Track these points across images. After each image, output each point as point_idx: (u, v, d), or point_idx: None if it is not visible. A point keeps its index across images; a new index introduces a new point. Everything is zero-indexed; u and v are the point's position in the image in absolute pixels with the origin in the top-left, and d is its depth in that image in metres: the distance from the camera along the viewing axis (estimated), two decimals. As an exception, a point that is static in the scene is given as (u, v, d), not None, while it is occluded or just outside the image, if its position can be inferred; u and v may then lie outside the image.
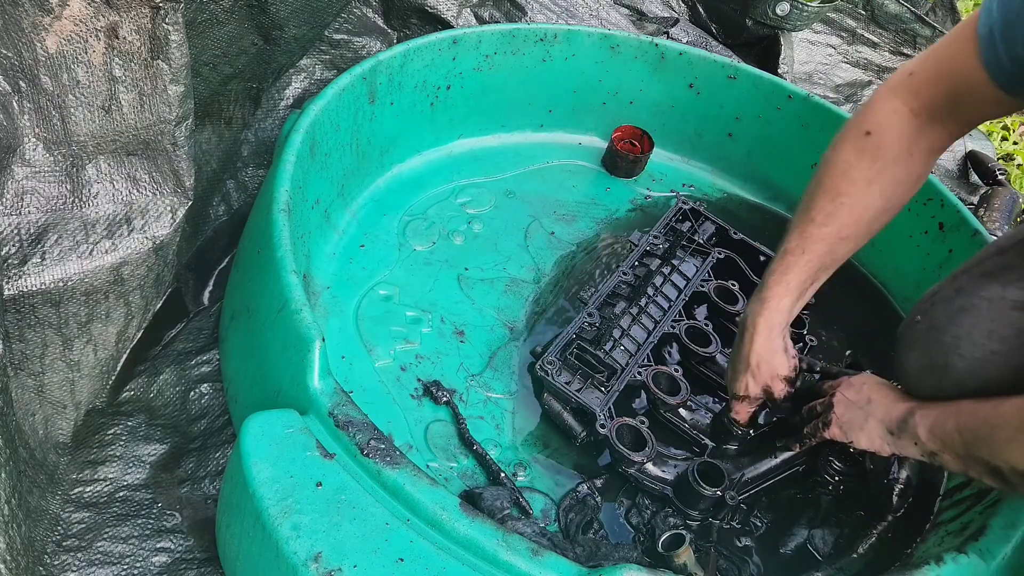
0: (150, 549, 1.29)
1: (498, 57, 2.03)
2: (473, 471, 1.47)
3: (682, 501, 1.46)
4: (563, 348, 1.58)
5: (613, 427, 1.48)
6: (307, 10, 1.70)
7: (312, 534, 1.07)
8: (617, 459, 1.49)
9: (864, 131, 1.34)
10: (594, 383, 1.54)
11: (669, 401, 1.57)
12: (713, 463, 1.47)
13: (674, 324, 1.70)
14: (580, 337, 1.60)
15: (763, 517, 1.51)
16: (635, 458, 1.45)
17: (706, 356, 1.67)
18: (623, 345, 1.62)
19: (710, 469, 1.46)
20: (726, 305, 1.77)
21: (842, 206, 1.35)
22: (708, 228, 1.94)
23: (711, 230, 1.94)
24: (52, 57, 1.22)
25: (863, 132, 1.34)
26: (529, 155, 2.16)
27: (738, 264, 1.88)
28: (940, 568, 1.21)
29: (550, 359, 1.56)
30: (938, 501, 1.51)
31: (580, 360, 1.56)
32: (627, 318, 1.67)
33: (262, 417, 1.19)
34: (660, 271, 1.79)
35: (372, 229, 1.86)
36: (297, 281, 1.34)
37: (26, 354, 1.29)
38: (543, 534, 1.33)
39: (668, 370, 1.61)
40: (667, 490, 1.48)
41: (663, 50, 2.13)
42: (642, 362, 1.61)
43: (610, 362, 1.57)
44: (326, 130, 1.68)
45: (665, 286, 1.77)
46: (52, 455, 1.34)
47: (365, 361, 1.60)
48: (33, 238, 1.26)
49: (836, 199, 1.35)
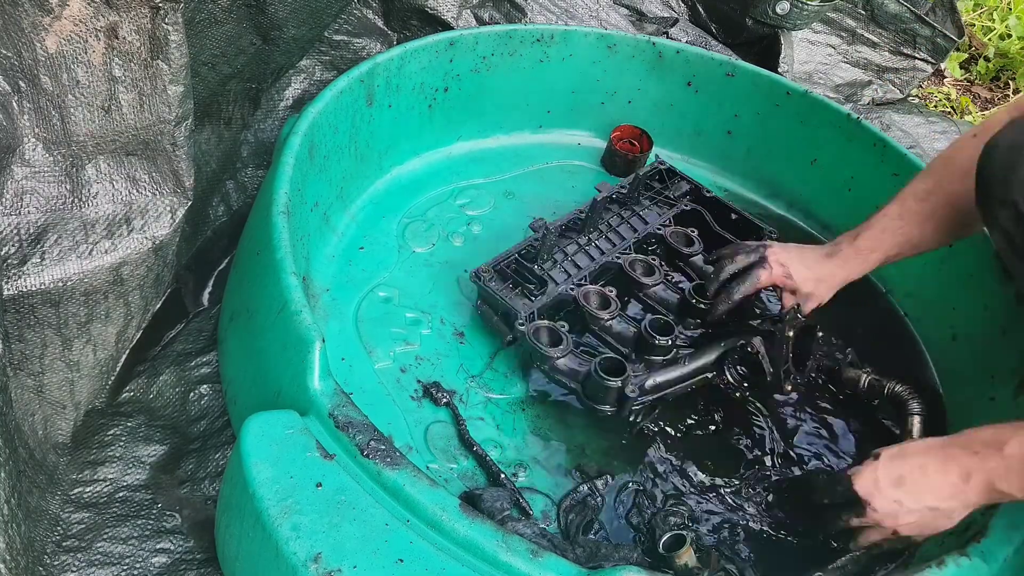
0: (150, 550, 1.29)
1: (495, 58, 2.03)
2: (473, 472, 1.47)
3: (589, 395, 1.54)
4: (501, 261, 1.67)
5: (532, 326, 1.57)
6: (306, 10, 1.70)
7: (312, 535, 1.07)
8: (533, 355, 1.57)
9: (973, 134, 1.48)
10: (524, 292, 1.63)
11: (598, 315, 1.64)
12: (616, 358, 1.54)
13: (619, 256, 1.77)
14: (521, 256, 1.69)
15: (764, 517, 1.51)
16: (550, 353, 1.54)
17: (649, 285, 1.74)
18: (564, 268, 1.70)
19: (614, 363, 1.53)
20: (681, 247, 1.83)
21: (939, 188, 1.50)
22: (682, 186, 1.99)
23: (684, 188, 1.99)
24: (52, 57, 1.22)
25: (972, 135, 1.48)
26: (528, 156, 2.16)
27: (704, 217, 1.93)
28: (941, 570, 1.21)
29: (485, 267, 1.65)
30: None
31: (516, 273, 1.66)
32: (573, 246, 1.75)
33: (262, 418, 1.19)
34: (619, 213, 1.86)
35: (371, 231, 1.86)
36: (297, 283, 1.34)
37: (25, 354, 1.29)
38: (543, 535, 1.32)
39: (599, 288, 1.68)
40: (575, 385, 1.55)
41: (660, 49, 2.13)
42: (579, 283, 1.68)
43: (544, 277, 1.65)
44: (324, 133, 1.68)
45: (621, 226, 1.84)
46: (52, 455, 1.34)
47: (365, 363, 1.59)
48: (33, 238, 1.25)
49: (937, 182, 1.51)
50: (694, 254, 1.83)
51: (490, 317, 1.66)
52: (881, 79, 2.85)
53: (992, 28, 3.39)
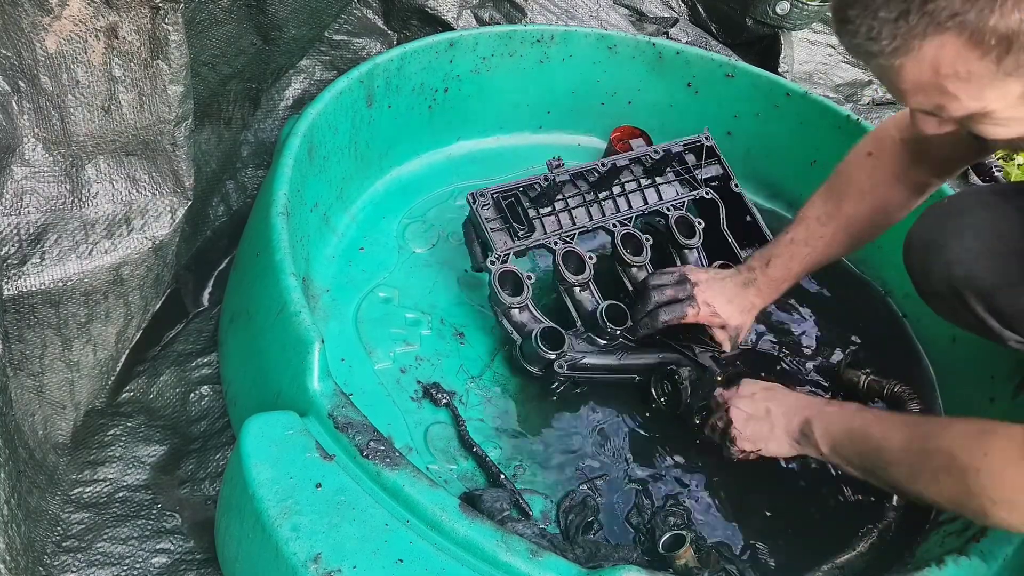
0: (150, 550, 1.29)
1: (495, 59, 2.03)
2: (473, 473, 1.47)
3: (523, 353, 1.58)
4: (501, 192, 1.65)
5: (499, 269, 1.58)
6: (306, 11, 1.70)
7: (312, 535, 1.07)
8: (491, 297, 1.59)
9: (867, 151, 1.54)
10: (510, 231, 1.63)
11: (568, 277, 1.64)
12: (559, 331, 1.56)
13: (615, 225, 1.74)
14: (524, 192, 1.67)
15: (764, 517, 1.51)
16: (505, 300, 1.56)
17: (630, 264, 1.72)
18: (559, 218, 1.69)
19: (555, 335, 1.55)
20: (680, 235, 1.80)
21: (840, 212, 1.55)
22: (714, 170, 1.94)
23: (715, 172, 1.94)
24: (52, 57, 1.22)
25: (866, 152, 1.54)
26: (528, 156, 2.16)
27: (718, 210, 1.88)
28: (941, 570, 1.21)
29: (483, 193, 1.64)
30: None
31: (509, 209, 1.64)
32: (578, 199, 1.73)
33: (262, 419, 1.19)
34: (639, 179, 1.83)
35: (371, 232, 1.86)
36: (296, 283, 1.34)
37: (25, 354, 1.29)
38: (543, 535, 1.32)
39: (581, 252, 1.67)
40: (516, 338, 1.59)
41: (660, 49, 2.13)
42: (567, 239, 1.67)
43: (535, 221, 1.65)
44: (324, 133, 1.68)
45: (634, 194, 1.82)
46: (52, 455, 1.34)
47: (365, 363, 1.59)
48: (32, 238, 1.25)
49: (838, 205, 1.56)
50: (691, 247, 1.81)
51: (471, 240, 1.67)
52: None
53: (992, 28, 3.38)
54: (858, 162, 1.55)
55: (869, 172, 1.53)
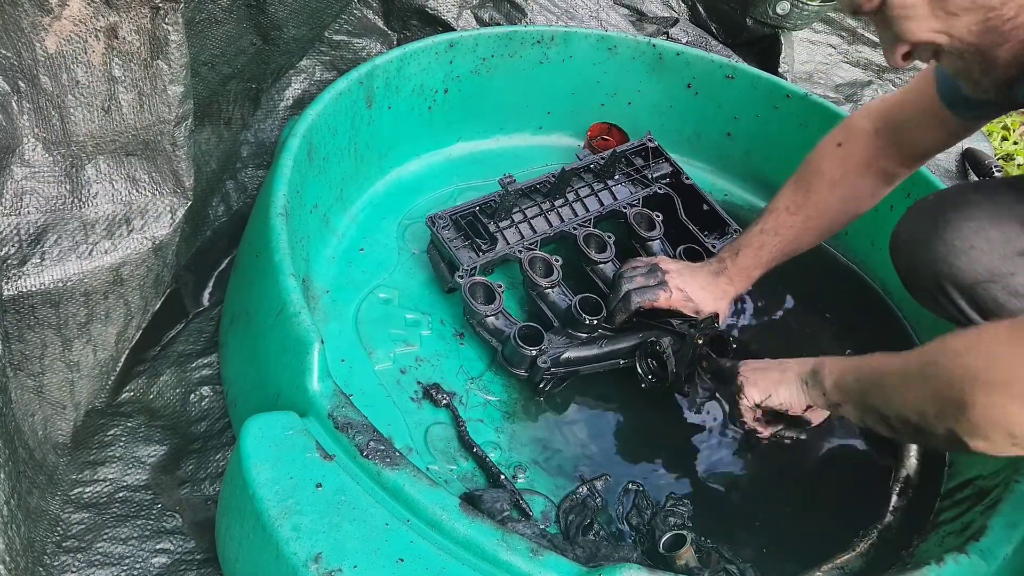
0: (150, 550, 1.29)
1: (495, 60, 2.03)
2: (473, 473, 1.47)
3: (505, 355, 1.60)
4: (459, 211, 1.68)
5: (469, 282, 1.61)
6: (306, 11, 1.70)
7: (312, 535, 1.07)
8: (465, 309, 1.62)
9: (837, 142, 1.58)
10: (473, 246, 1.66)
11: (537, 281, 1.67)
12: (536, 327, 1.59)
13: (575, 228, 1.78)
14: (481, 210, 1.71)
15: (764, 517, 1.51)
16: (479, 309, 1.58)
17: (597, 262, 1.75)
18: (520, 229, 1.72)
19: (532, 331, 1.57)
20: (641, 229, 1.84)
21: (809, 201, 1.58)
22: (663, 167, 1.99)
23: (665, 169, 1.99)
24: (52, 57, 1.22)
25: (836, 143, 1.58)
26: (528, 157, 2.16)
27: (674, 203, 1.93)
28: (941, 568, 1.21)
29: (442, 214, 1.68)
30: (938, 501, 1.51)
31: (469, 226, 1.67)
32: (535, 209, 1.76)
33: (262, 419, 1.19)
34: (590, 184, 1.87)
35: (371, 233, 1.86)
36: (295, 284, 1.34)
37: (25, 354, 1.29)
38: (543, 536, 1.32)
39: (547, 256, 1.70)
40: (496, 344, 1.61)
41: (661, 50, 2.13)
42: (530, 247, 1.71)
43: (496, 235, 1.67)
44: (323, 134, 1.68)
45: (589, 198, 1.85)
46: (52, 456, 1.34)
47: (365, 364, 1.59)
48: (32, 238, 1.25)
49: (807, 195, 1.58)
50: (653, 239, 1.84)
51: (437, 263, 1.70)
52: (881, 79, 2.85)
53: (992, 29, 3.38)
54: (828, 152, 1.58)
55: (839, 162, 1.56)
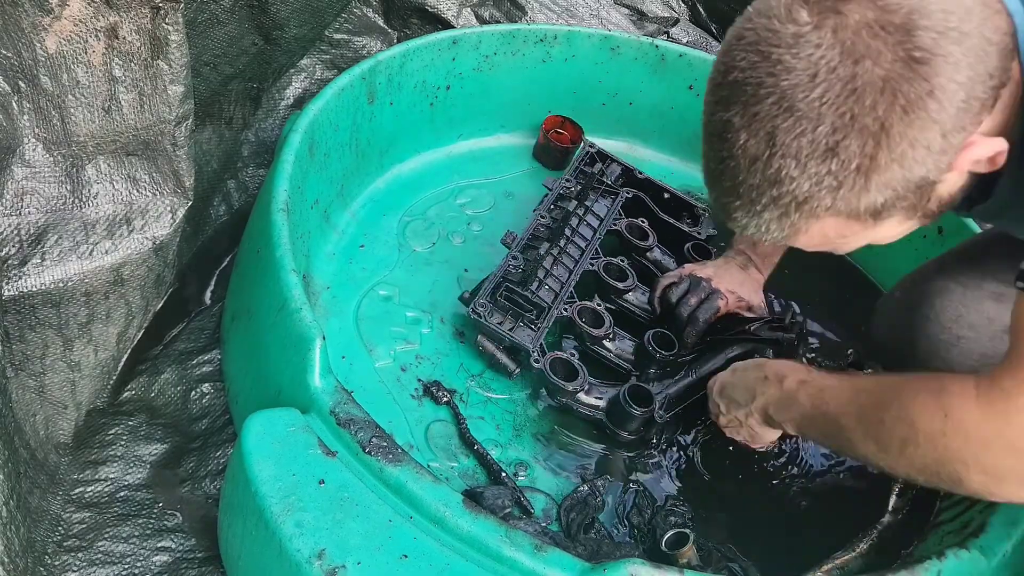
0: (151, 549, 1.29)
1: (498, 57, 2.03)
2: (474, 471, 1.47)
3: (615, 423, 1.55)
4: (492, 291, 1.64)
5: (546, 361, 1.55)
6: (308, 10, 1.70)
7: (315, 531, 1.07)
8: (552, 390, 1.56)
9: None
10: (524, 322, 1.61)
11: (594, 333, 1.63)
12: (641, 385, 1.55)
13: (592, 262, 1.76)
14: (507, 279, 1.66)
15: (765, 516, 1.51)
16: (568, 388, 1.53)
17: (624, 290, 1.73)
18: (548, 284, 1.68)
19: (639, 391, 1.54)
20: (638, 241, 1.84)
21: None
22: (615, 169, 1.99)
23: (618, 171, 1.99)
24: (52, 57, 1.22)
25: None
26: (528, 156, 2.16)
27: (645, 202, 1.94)
28: (941, 563, 1.21)
29: (481, 302, 1.61)
30: (938, 502, 1.51)
31: (510, 301, 1.62)
32: (549, 258, 1.73)
33: (264, 416, 1.19)
34: (575, 212, 1.84)
35: (372, 229, 1.86)
36: (297, 280, 1.34)
37: (27, 355, 1.29)
38: (545, 533, 1.33)
39: (591, 305, 1.68)
40: (599, 415, 1.56)
41: (663, 52, 2.13)
42: (566, 299, 1.67)
43: (537, 301, 1.63)
44: (325, 130, 1.68)
45: (581, 226, 1.83)
46: (53, 455, 1.34)
47: (365, 361, 1.59)
48: (33, 239, 1.25)
49: None
50: (650, 247, 1.84)
51: (492, 352, 1.62)
52: (881, 79, 2.85)
53: (991, 28, 3.38)
54: None
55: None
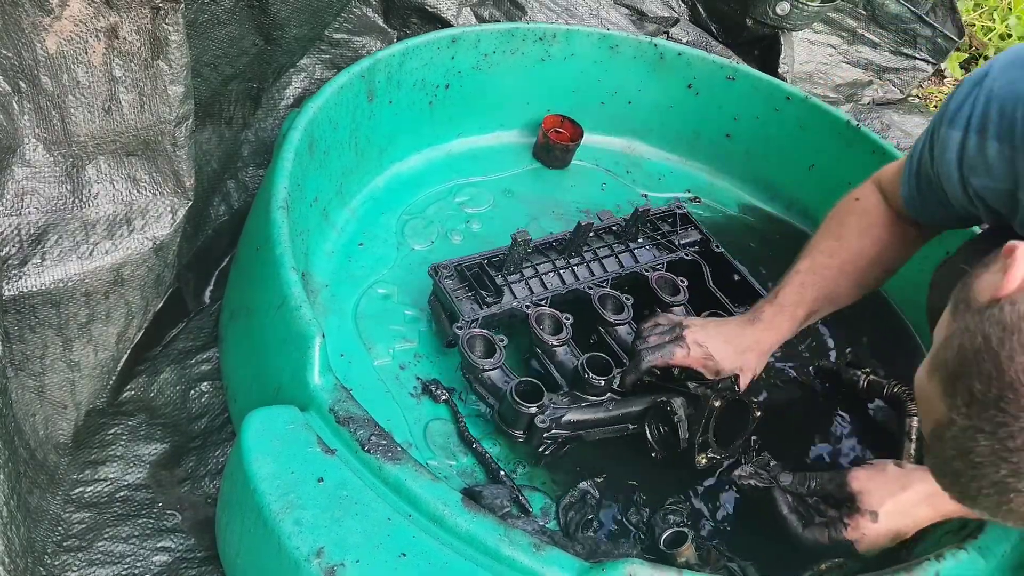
0: (150, 548, 1.29)
1: (497, 56, 2.03)
2: (472, 469, 1.47)
3: (502, 417, 1.49)
4: (464, 262, 1.63)
5: (467, 334, 1.53)
6: (308, 10, 1.70)
7: (314, 529, 1.08)
8: (464, 364, 1.55)
9: (854, 197, 1.57)
10: (477, 298, 1.60)
11: (544, 339, 1.58)
12: (537, 384, 1.47)
13: (591, 287, 1.69)
14: (489, 261, 1.65)
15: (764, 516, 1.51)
16: (477, 362, 1.51)
17: (613, 324, 1.63)
18: (530, 284, 1.66)
19: (532, 389, 1.46)
20: (664, 295, 1.70)
21: (842, 247, 1.54)
22: (692, 235, 1.89)
23: (694, 238, 1.89)
24: (52, 57, 1.22)
25: (854, 198, 1.57)
26: (527, 154, 2.16)
27: (702, 270, 1.81)
28: (940, 564, 1.21)
29: (445, 264, 1.61)
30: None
31: (475, 278, 1.61)
32: (548, 265, 1.70)
33: (263, 413, 1.19)
34: (611, 245, 1.80)
35: (371, 227, 1.86)
36: (296, 278, 1.34)
37: (27, 355, 1.29)
38: (543, 532, 1.33)
39: (556, 313, 1.61)
40: (492, 403, 1.51)
41: (662, 50, 2.13)
42: (539, 303, 1.63)
43: (504, 288, 1.61)
44: (324, 128, 1.68)
45: (609, 259, 1.77)
46: (53, 455, 1.34)
47: (364, 359, 1.59)
48: (33, 239, 1.26)
49: (838, 240, 1.55)
50: (676, 304, 1.71)
51: (439, 314, 1.63)
52: (881, 79, 2.85)
53: (992, 28, 3.39)
54: (848, 207, 1.56)
55: (859, 216, 1.54)
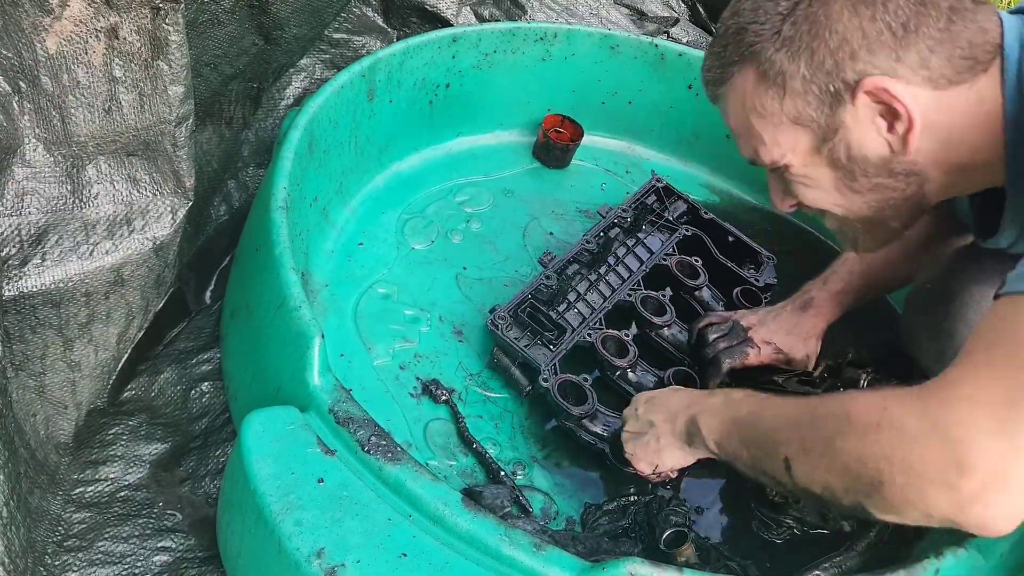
0: (151, 548, 1.29)
1: (497, 55, 2.03)
2: (472, 469, 1.47)
3: (616, 457, 1.46)
4: (517, 306, 1.61)
5: (555, 382, 1.51)
6: (308, 10, 1.70)
7: (315, 530, 1.07)
8: (557, 412, 1.52)
9: None
10: (542, 341, 1.58)
11: (616, 363, 1.58)
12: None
13: (630, 293, 1.72)
14: (535, 297, 1.63)
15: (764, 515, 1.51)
16: (574, 412, 1.49)
17: (660, 325, 1.68)
18: (577, 308, 1.65)
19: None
20: (686, 279, 1.78)
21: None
22: (680, 206, 1.96)
23: (682, 208, 1.96)
24: (52, 58, 1.22)
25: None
26: (527, 154, 2.16)
27: (704, 242, 1.89)
28: (939, 562, 1.21)
29: (502, 314, 1.59)
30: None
31: (532, 318, 1.60)
32: (584, 283, 1.70)
33: (263, 414, 1.19)
34: (624, 242, 1.82)
35: (371, 227, 1.86)
36: (296, 278, 1.34)
37: (27, 355, 1.29)
38: (544, 532, 1.33)
39: (617, 334, 1.63)
40: (603, 446, 1.50)
41: (663, 51, 2.13)
42: (594, 326, 1.63)
43: (561, 322, 1.60)
44: (324, 127, 1.68)
45: (628, 257, 1.80)
46: (53, 455, 1.34)
47: (364, 359, 1.59)
48: (33, 239, 1.26)
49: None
50: (699, 286, 1.78)
51: (506, 367, 1.61)
52: (880, 78, 2.85)
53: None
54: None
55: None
